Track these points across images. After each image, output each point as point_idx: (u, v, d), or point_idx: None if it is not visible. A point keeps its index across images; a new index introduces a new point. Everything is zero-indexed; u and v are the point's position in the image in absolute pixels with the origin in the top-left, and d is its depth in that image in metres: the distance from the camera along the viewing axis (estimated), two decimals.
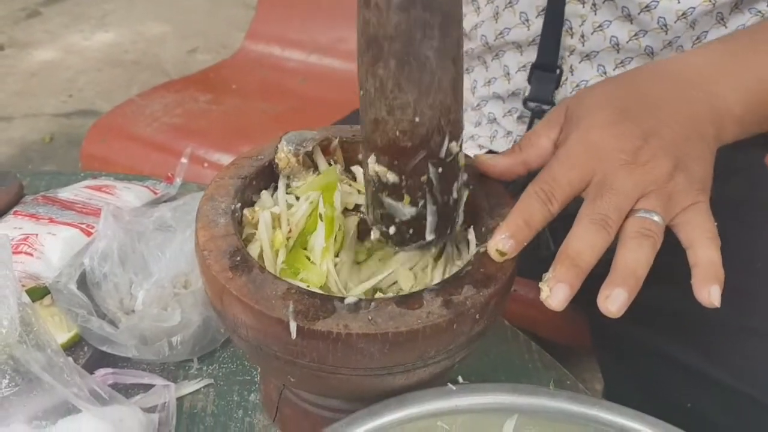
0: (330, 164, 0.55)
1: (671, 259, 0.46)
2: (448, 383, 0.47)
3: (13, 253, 0.63)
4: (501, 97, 0.81)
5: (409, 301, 0.43)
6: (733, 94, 0.54)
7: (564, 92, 0.75)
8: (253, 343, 0.45)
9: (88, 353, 0.60)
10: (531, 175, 0.50)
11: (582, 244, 0.45)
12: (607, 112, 0.51)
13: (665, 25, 0.68)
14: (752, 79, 0.55)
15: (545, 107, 0.76)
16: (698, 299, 0.45)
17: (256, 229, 0.51)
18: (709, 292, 0.44)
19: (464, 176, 0.48)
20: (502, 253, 0.46)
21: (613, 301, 0.43)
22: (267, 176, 0.54)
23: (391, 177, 0.45)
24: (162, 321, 0.60)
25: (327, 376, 0.44)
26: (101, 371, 0.59)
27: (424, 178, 0.45)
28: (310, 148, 0.53)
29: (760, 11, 0.68)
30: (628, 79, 0.56)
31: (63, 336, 0.60)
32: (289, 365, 0.45)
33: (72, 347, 0.60)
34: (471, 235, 0.51)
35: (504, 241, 0.46)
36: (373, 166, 0.46)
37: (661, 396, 0.69)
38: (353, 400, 0.51)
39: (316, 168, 0.55)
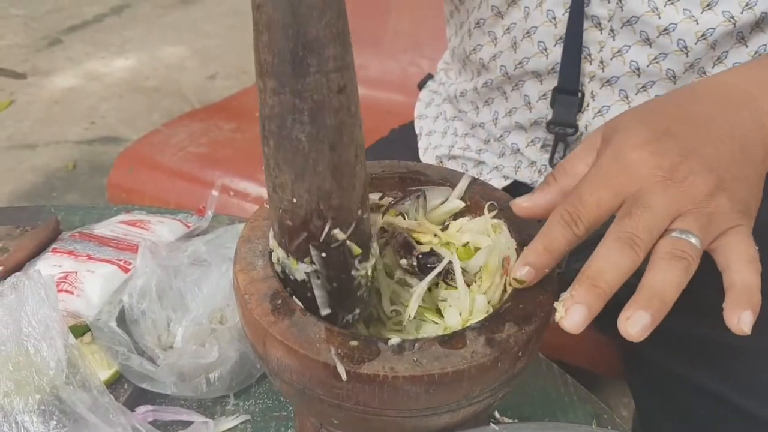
0: None
1: (704, 285, 0.45)
2: (491, 423, 0.48)
3: None
4: (523, 126, 0.81)
5: (452, 340, 0.43)
6: None
7: (587, 117, 0.76)
8: (297, 387, 0.45)
9: (128, 390, 0.61)
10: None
11: (605, 264, 0.42)
12: (643, 129, 0.47)
13: (685, 47, 0.67)
14: None
15: (569, 130, 0.76)
16: (728, 325, 0.42)
17: None
18: (739, 317, 0.42)
19: (368, 266, 0.47)
20: (520, 282, 0.45)
21: (633, 323, 0.40)
22: None
23: (280, 253, 0.47)
24: (200, 357, 0.61)
25: (372, 419, 0.44)
26: (142, 408, 0.59)
27: (307, 259, 0.45)
28: None
29: None
30: (668, 100, 0.53)
31: (104, 373, 0.61)
32: (333, 408, 0.45)
33: (112, 384, 0.61)
34: None
35: (521, 269, 0.44)
36: (270, 239, 0.48)
37: (697, 429, 0.69)
38: None
39: None
